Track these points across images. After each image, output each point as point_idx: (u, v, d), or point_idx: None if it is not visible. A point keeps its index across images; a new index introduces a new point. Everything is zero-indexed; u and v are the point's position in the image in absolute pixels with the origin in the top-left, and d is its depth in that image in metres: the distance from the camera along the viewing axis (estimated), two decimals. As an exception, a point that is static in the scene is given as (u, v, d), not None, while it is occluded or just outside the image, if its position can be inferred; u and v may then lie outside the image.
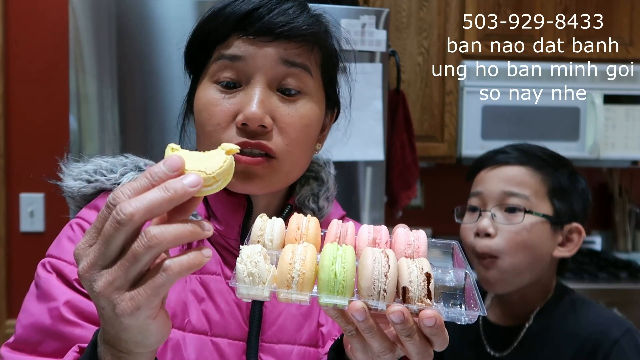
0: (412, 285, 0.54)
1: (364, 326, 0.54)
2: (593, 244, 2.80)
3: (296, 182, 0.85)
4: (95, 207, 0.78)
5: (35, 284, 0.72)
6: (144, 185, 0.50)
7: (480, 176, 1.23)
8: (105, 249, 0.49)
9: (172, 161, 0.51)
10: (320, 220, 0.82)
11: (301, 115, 0.75)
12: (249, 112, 0.71)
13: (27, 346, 0.68)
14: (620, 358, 1.07)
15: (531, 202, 1.16)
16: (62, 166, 0.80)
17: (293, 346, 0.77)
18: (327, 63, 0.80)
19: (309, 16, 0.76)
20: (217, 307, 0.75)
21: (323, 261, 0.56)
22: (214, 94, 0.75)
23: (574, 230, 1.20)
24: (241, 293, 0.57)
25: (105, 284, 0.49)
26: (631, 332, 1.11)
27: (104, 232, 0.49)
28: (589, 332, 1.12)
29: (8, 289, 2.25)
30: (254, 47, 0.73)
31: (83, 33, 1.66)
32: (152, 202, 0.49)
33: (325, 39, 0.80)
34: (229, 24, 0.74)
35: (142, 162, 0.81)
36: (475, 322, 0.59)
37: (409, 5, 2.36)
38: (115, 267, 0.49)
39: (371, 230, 0.63)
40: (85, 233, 0.52)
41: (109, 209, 0.49)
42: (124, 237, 0.49)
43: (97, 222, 0.50)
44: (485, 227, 1.16)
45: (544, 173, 1.19)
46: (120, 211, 0.48)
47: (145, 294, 0.49)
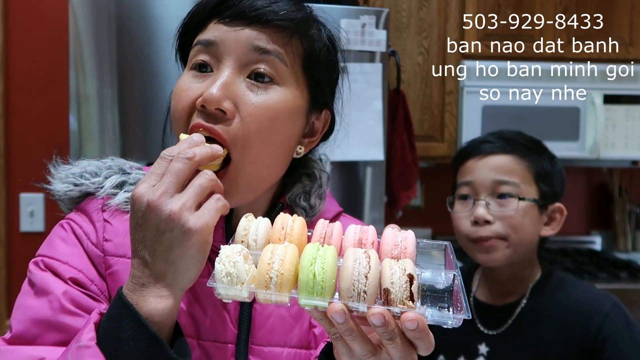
0: (393, 286, 0.53)
1: (343, 328, 0.53)
2: (593, 244, 2.80)
3: (288, 180, 0.82)
4: (82, 210, 0.77)
5: (29, 282, 0.72)
6: (187, 146, 0.65)
7: (469, 166, 1.29)
8: (176, 180, 0.61)
9: (199, 135, 0.67)
10: (312, 219, 0.81)
11: (267, 107, 0.70)
12: (207, 93, 0.68)
13: (26, 340, 0.67)
14: (612, 329, 1.16)
15: (521, 189, 1.24)
16: (51, 169, 0.79)
17: (283, 349, 0.76)
18: (309, 56, 0.75)
19: (288, 2, 0.73)
20: (204, 310, 0.74)
21: (302, 262, 0.55)
22: (186, 80, 0.73)
23: (556, 210, 1.31)
24: (219, 293, 0.57)
25: (180, 205, 0.59)
26: (619, 305, 1.20)
27: (172, 169, 0.61)
28: (580, 307, 1.20)
29: (8, 289, 2.25)
30: (227, 32, 0.71)
31: (83, 33, 1.66)
32: (202, 151, 0.64)
33: (307, 28, 0.75)
34: (208, 8, 0.73)
35: (127, 165, 0.80)
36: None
37: (409, 5, 2.36)
38: (187, 192, 0.61)
39: (357, 230, 0.62)
40: (145, 179, 0.62)
41: (166, 159, 0.63)
42: (190, 171, 0.62)
43: (156, 169, 0.62)
44: (483, 215, 1.23)
45: (529, 160, 1.27)
46: (187, 152, 0.63)
47: (210, 214, 0.61)
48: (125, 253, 0.73)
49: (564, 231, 2.78)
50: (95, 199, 0.77)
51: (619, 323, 1.17)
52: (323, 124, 0.82)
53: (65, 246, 0.74)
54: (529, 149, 1.28)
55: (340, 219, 0.90)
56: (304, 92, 0.75)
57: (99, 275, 0.73)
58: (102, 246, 0.74)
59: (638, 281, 2.27)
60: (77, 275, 0.71)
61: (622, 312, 1.19)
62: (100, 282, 0.73)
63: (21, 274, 0.75)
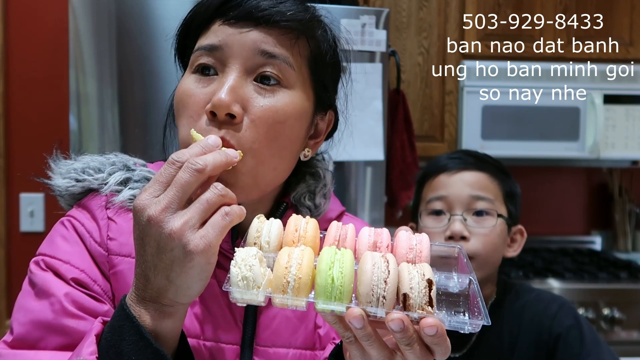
0: (412, 292, 0.52)
1: (361, 334, 0.53)
2: (593, 244, 2.80)
3: (292, 179, 0.81)
4: (85, 207, 0.76)
5: (29, 283, 0.70)
6: (200, 151, 0.60)
7: (441, 180, 1.26)
8: (181, 194, 0.57)
9: (215, 138, 0.63)
10: (317, 218, 0.79)
11: (276, 110, 0.69)
12: (216, 98, 0.66)
13: (27, 344, 0.66)
14: (560, 327, 1.18)
15: (495, 206, 1.23)
16: (52, 164, 0.78)
17: (288, 349, 0.75)
18: (315, 58, 0.74)
19: (294, 3, 0.72)
20: (209, 311, 0.74)
21: (320, 265, 0.54)
22: (190, 84, 0.70)
23: (517, 232, 1.30)
24: (235, 297, 0.55)
25: (182, 223, 0.56)
26: (567, 304, 1.24)
27: (179, 181, 0.57)
28: (533, 313, 1.22)
29: (8, 289, 2.25)
30: (233, 34, 0.69)
31: (83, 33, 1.66)
32: (215, 160, 0.59)
33: (313, 28, 0.74)
34: (211, 8, 0.71)
35: (132, 161, 0.79)
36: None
37: (409, 5, 2.36)
38: (191, 209, 0.57)
39: (372, 233, 0.61)
40: (149, 186, 0.58)
41: (174, 165, 0.58)
42: (197, 184, 0.58)
43: (162, 177, 0.58)
44: (460, 231, 1.20)
45: (499, 179, 1.27)
46: (197, 162, 0.57)
47: (214, 232, 0.56)
48: (130, 252, 0.72)
49: (564, 231, 2.81)
50: (98, 196, 0.76)
51: (567, 321, 1.19)
52: (327, 125, 0.81)
53: (67, 245, 0.72)
54: (497, 169, 1.28)
55: (343, 218, 0.90)
56: (310, 94, 0.74)
57: (102, 275, 0.72)
58: (106, 245, 0.73)
59: (638, 281, 2.27)
60: (80, 275, 0.70)
61: (570, 311, 1.21)
62: (103, 282, 0.72)
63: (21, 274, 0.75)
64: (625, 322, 2.15)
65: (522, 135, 2.32)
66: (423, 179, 1.32)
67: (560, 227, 2.78)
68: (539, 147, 2.32)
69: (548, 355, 1.18)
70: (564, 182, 2.79)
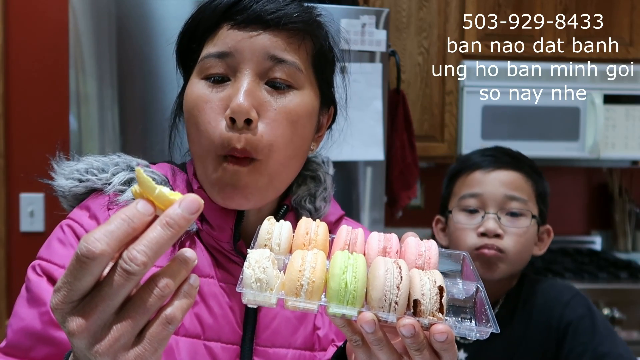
0: (424, 298, 0.53)
1: (372, 338, 0.53)
2: (593, 244, 2.80)
3: (293, 182, 0.82)
4: (87, 208, 0.76)
5: (25, 288, 0.71)
6: (127, 230, 0.44)
7: (476, 178, 1.26)
8: (110, 302, 0.43)
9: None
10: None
11: (289, 111, 0.71)
12: (235, 104, 0.68)
13: (19, 351, 0.67)
14: (572, 315, 1.18)
15: (529, 206, 1.24)
16: (54, 165, 0.78)
17: (288, 350, 0.76)
18: (319, 56, 0.77)
19: (298, 4, 0.74)
20: (210, 310, 0.74)
21: (334, 269, 0.54)
22: (203, 90, 0.72)
23: (545, 231, 1.30)
24: (248, 299, 0.54)
25: (110, 342, 0.44)
26: (580, 294, 1.23)
27: (107, 287, 0.43)
28: (546, 301, 1.22)
29: (8, 289, 2.25)
30: (243, 39, 0.70)
31: (83, 33, 1.66)
32: (159, 243, 0.44)
33: (317, 28, 0.76)
34: (218, 12, 0.72)
35: (135, 162, 0.79)
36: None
37: (409, 5, 2.36)
38: (123, 323, 0.44)
39: (381, 238, 0.61)
40: (59, 290, 0.44)
41: (82, 261, 0.42)
42: (131, 287, 0.44)
43: (69, 276, 0.43)
44: (494, 229, 1.21)
45: (533, 179, 1.27)
46: (131, 262, 0.43)
47: (152, 348, 0.45)
48: None
49: (564, 231, 2.81)
50: (101, 196, 0.76)
51: (579, 309, 1.19)
52: (327, 119, 0.84)
53: (63, 249, 0.72)
54: (532, 169, 1.28)
55: (342, 222, 0.90)
56: (317, 92, 0.77)
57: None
58: None
59: (638, 281, 2.27)
60: None
61: (583, 301, 1.21)
62: None
63: (21, 274, 0.75)
64: (625, 322, 2.15)
65: (522, 135, 2.32)
66: (456, 174, 1.32)
67: (560, 227, 2.77)
68: (539, 147, 2.32)
69: (557, 342, 1.18)
70: (564, 182, 2.79)
